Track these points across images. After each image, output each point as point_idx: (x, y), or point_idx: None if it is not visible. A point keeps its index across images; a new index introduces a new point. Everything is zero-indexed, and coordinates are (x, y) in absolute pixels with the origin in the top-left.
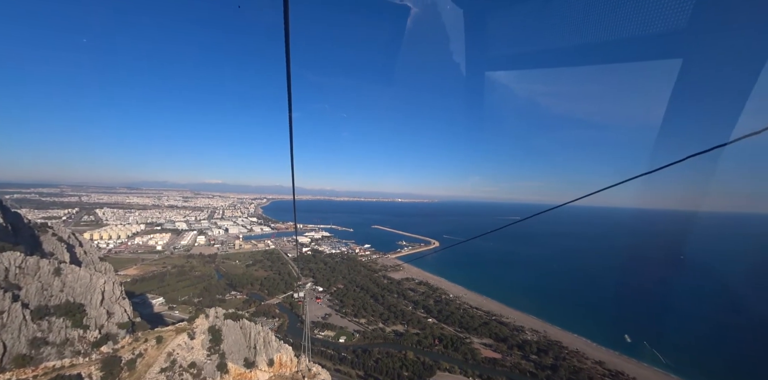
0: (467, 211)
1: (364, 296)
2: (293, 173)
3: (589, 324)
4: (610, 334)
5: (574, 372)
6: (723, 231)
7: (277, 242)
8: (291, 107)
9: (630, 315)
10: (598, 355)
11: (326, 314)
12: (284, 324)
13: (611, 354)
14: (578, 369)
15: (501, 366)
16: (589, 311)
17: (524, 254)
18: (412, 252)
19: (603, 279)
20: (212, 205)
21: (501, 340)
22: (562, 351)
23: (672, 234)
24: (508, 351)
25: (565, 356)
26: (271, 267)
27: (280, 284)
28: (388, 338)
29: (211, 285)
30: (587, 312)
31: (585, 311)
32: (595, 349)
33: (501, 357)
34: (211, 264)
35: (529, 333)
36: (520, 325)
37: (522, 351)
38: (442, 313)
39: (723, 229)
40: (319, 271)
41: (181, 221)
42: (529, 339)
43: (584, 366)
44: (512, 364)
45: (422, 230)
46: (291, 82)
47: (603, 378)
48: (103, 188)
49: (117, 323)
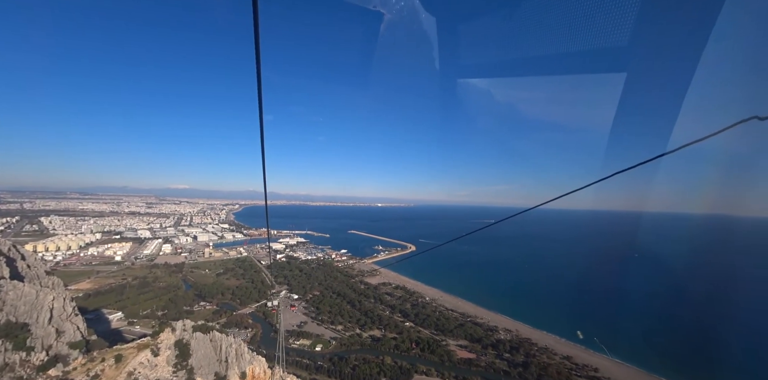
0: (443, 215)
1: (341, 302)
2: (264, 176)
3: (556, 320)
4: (575, 330)
5: (544, 368)
6: (671, 230)
7: (250, 250)
8: (261, 109)
9: (590, 310)
10: (565, 350)
11: (302, 322)
12: (257, 335)
13: (578, 349)
14: (547, 365)
15: (476, 366)
16: (555, 308)
17: (497, 255)
18: (389, 257)
19: (567, 278)
20: (179, 211)
21: (476, 341)
22: (532, 348)
23: (627, 234)
24: (483, 351)
25: (536, 353)
26: (243, 276)
27: (254, 292)
28: (366, 344)
29: (177, 296)
30: (554, 309)
31: (552, 308)
32: (563, 345)
33: (476, 357)
34: (177, 274)
35: (502, 332)
36: (494, 325)
37: (496, 350)
38: (419, 316)
39: (672, 228)
40: (294, 278)
41: (143, 229)
42: (502, 338)
43: (553, 362)
44: (486, 364)
45: (399, 234)
46: (261, 84)
47: (570, 371)
48: (51, 193)
49: (68, 342)
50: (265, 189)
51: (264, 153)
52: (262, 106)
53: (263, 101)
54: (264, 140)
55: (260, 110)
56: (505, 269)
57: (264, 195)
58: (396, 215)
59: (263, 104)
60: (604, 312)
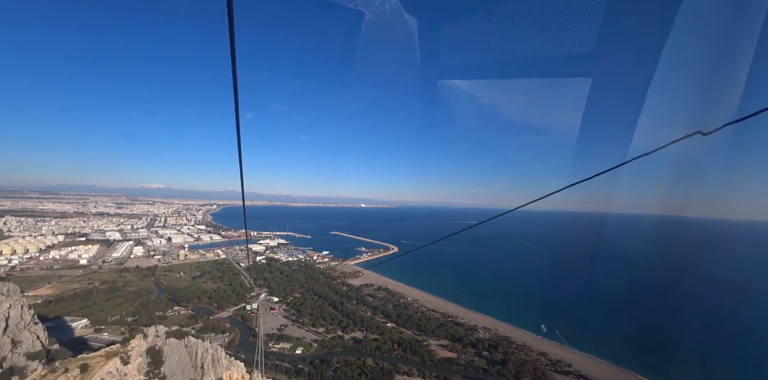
0: (426, 216)
1: (323, 304)
2: (242, 176)
3: (532, 318)
4: (550, 326)
5: (521, 365)
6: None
7: (228, 252)
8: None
9: (563, 307)
10: (541, 347)
11: (282, 325)
12: (235, 339)
13: (552, 345)
14: (524, 362)
15: (456, 364)
16: (531, 306)
17: (478, 256)
18: (372, 258)
19: (543, 277)
20: (153, 212)
21: (456, 340)
22: (510, 346)
23: (600, 234)
24: (463, 350)
25: (513, 350)
26: (221, 278)
27: (232, 296)
28: (347, 345)
29: (149, 301)
30: (530, 307)
31: (528, 306)
32: (539, 341)
33: (456, 356)
34: (150, 278)
35: (482, 331)
36: (474, 324)
37: (475, 348)
38: (401, 317)
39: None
40: (274, 280)
41: (113, 231)
42: (482, 337)
43: (529, 358)
44: (466, 362)
45: (382, 235)
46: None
47: (545, 367)
48: (6, 192)
49: (26, 353)
50: (242, 189)
51: (240, 151)
52: (238, 103)
53: (242, 98)
54: (240, 138)
55: (236, 108)
56: (485, 269)
57: (242, 195)
58: (379, 216)
59: (242, 101)
60: (576, 309)
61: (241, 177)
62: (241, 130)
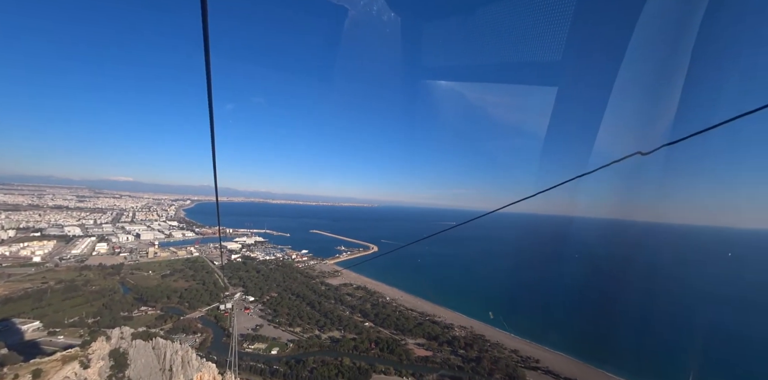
0: (406, 216)
1: (300, 303)
2: (215, 169)
3: (505, 316)
4: (521, 324)
5: (495, 362)
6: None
7: (202, 249)
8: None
9: (533, 305)
10: (513, 344)
11: (257, 325)
12: (208, 340)
13: (523, 343)
14: (498, 359)
15: (432, 363)
16: (504, 305)
17: (456, 256)
18: (352, 257)
19: (517, 277)
20: (119, 206)
21: (433, 338)
22: (485, 344)
23: (573, 237)
24: (439, 348)
25: (488, 348)
26: (193, 277)
27: (204, 295)
28: (324, 345)
29: (113, 301)
30: (504, 306)
31: (502, 305)
32: (512, 339)
33: (432, 355)
34: (114, 277)
35: (458, 329)
36: (451, 323)
37: (451, 346)
38: (379, 316)
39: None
40: (250, 279)
41: (72, 226)
42: (458, 335)
43: (502, 356)
44: (442, 360)
45: (362, 234)
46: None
47: (516, 364)
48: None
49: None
50: (215, 183)
51: (214, 144)
52: (211, 94)
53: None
54: (214, 130)
55: (209, 98)
56: (462, 269)
57: (215, 190)
58: (360, 215)
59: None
60: (545, 307)
61: (214, 171)
62: (218, 122)
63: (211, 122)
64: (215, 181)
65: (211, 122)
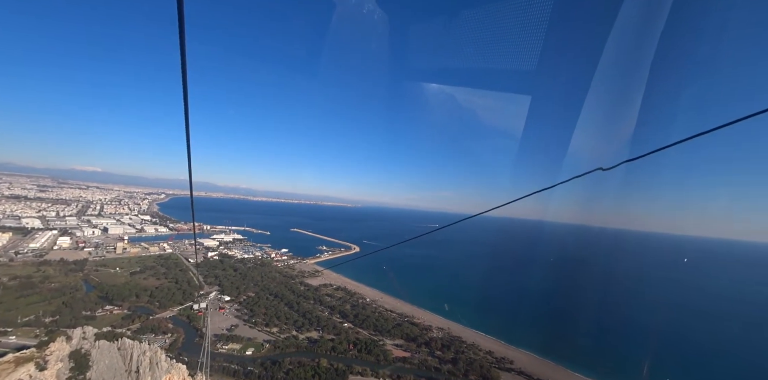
0: (389, 217)
1: (278, 303)
2: (189, 162)
3: (481, 318)
4: (496, 325)
5: (470, 363)
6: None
7: (176, 246)
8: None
9: (508, 306)
10: (488, 346)
11: (233, 325)
12: (179, 340)
13: (498, 344)
14: (473, 360)
15: (410, 364)
16: (481, 306)
17: (437, 258)
18: (333, 257)
19: (495, 279)
20: (85, 197)
21: (411, 340)
22: (461, 345)
23: (551, 241)
24: (417, 350)
25: (464, 349)
26: (166, 275)
27: (177, 294)
28: (302, 346)
29: (74, 299)
30: (481, 307)
31: (479, 307)
32: (487, 340)
33: (410, 356)
34: (77, 273)
35: (436, 331)
36: (429, 325)
37: (429, 348)
38: (359, 317)
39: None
40: (227, 278)
41: (31, 217)
42: (435, 337)
43: (477, 357)
44: (419, 361)
45: (344, 235)
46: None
47: (490, 365)
48: None
49: None
50: (190, 176)
51: (188, 135)
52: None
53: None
54: (189, 121)
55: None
56: (443, 271)
57: (189, 183)
58: (343, 215)
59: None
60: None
61: (188, 163)
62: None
63: (186, 113)
64: (189, 174)
65: (186, 113)
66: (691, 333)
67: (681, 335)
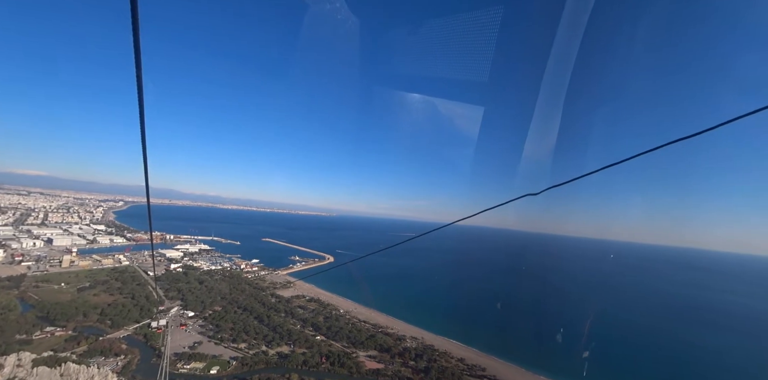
0: (364, 226)
1: (247, 317)
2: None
3: (453, 326)
4: (466, 333)
5: (442, 372)
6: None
7: (135, 257)
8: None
9: (479, 314)
10: (460, 353)
11: (196, 342)
12: (133, 362)
13: (470, 351)
14: (445, 368)
15: (383, 375)
16: (453, 314)
17: (411, 267)
18: (306, 268)
19: (466, 287)
20: (25, 205)
21: (385, 350)
22: (434, 354)
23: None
24: (391, 360)
25: (436, 358)
26: (120, 290)
27: (133, 311)
28: (272, 361)
29: (6, 321)
30: (454, 316)
31: (451, 314)
32: (459, 348)
33: (384, 367)
34: (11, 290)
35: (410, 340)
36: (403, 335)
37: (402, 358)
38: (332, 329)
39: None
40: (191, 292)
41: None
42: (409, 347)
43: (450, 365)
44: (393, 372)
45: (318, 244)
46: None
47: (462, 372)
48: None
49: None
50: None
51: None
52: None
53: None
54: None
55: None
56: (416, 280)
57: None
58: (317, 224)
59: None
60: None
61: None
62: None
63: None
64: (146, 178)
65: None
66: None
67: None
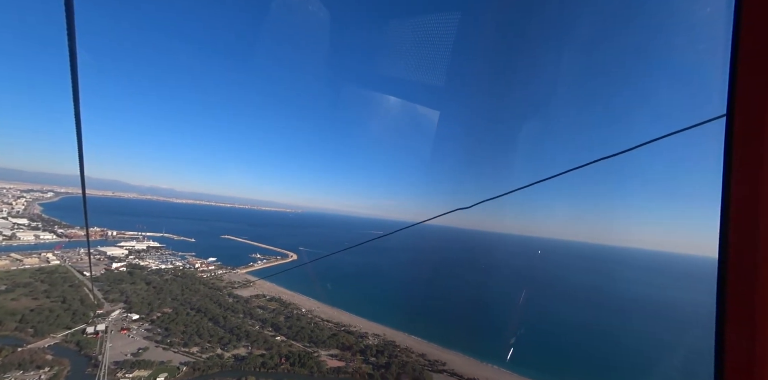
0: (332, 223)
1: (201, 319)
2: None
3: (415, 322)
4: (429, 329)
5: (402, 366)
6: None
7: (67, 256)
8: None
9: (437, 309)
10: (421, 349)
11: (141, 348)
12: (61, 374)
13: (431, 347)
14: (405, 363)
15: (344, 373)
16: (414, 311)
17: (377, 265)
18: (268, 266)
19: (428, 284)
20: None
21: (346, 349)
22: (395, 350)
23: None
24: (352, 358)
25: (397, 354)
26: (48, 293)
27: (63, 316)
28: (227, 365)
29: None
30: (413, 311)
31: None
32: (420, 343)
33: (345, 365)
34: None
35: (372, 337)
36: (365, 332)
37: (363, 355)
38: (293, 329)
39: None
40: (136, 293)
41: None
42: (370, 344)
43: (410, 360)
44: (354, 369)
45: (282, 242)
46: None
47: (423, 367)
48: None
49: None
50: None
51: (79, 118)
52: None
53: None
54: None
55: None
56: (381, 277)
57: (81, 177)
58: (281, 220)
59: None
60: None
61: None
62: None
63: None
64: (81, 165)
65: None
66: None
67: None
